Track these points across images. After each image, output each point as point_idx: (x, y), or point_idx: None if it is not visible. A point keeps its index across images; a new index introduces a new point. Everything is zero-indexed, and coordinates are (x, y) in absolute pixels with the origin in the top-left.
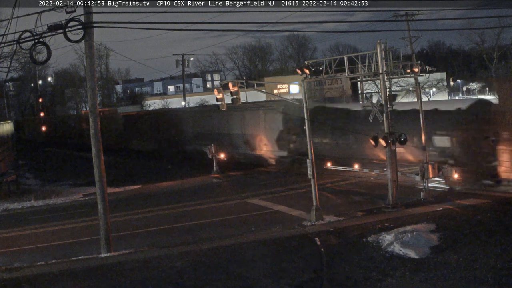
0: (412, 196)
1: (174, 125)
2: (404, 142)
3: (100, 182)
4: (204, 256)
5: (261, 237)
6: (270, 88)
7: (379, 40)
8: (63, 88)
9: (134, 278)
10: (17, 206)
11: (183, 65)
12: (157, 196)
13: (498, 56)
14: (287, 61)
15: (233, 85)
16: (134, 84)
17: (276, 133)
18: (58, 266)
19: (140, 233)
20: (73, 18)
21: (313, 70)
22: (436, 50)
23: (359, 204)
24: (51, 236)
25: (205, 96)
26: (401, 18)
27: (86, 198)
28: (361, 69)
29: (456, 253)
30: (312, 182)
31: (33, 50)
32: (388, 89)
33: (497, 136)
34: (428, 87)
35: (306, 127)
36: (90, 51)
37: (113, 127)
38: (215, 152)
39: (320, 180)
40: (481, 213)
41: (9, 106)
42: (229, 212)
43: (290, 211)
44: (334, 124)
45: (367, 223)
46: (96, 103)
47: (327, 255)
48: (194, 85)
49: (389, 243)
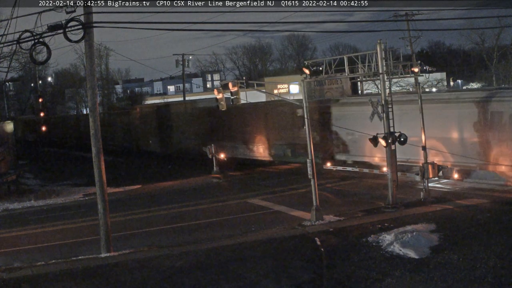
0: (412, 196)
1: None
2: (404, 142)
3: (100, 182)
4: (204, 256)
5: (261, 237)
6: (270, 88)
7: (379, 40)
8: (63, 88)
9: (134, 278)
10: (17, 206)
11: (183, 65)
12: (157, 196)
13: (498, 56)
14: (287, 61)
15: (233, 85)
16: (134, 84)
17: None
18: (58, 266)
19: (140, 233)
20: (73, 18)
21: (313, 70)
22: (436, 50)
23: (359, 204)
24: (51, 236)
25: (205, 96)
26: (401, 18)
27: (86, 198)
28: (361, 69)
29: (456, 253)
30: (312, 182)
31: (33, 50)
32: (388, 89)
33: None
34: (428, 87)
35: (306, 127)
36: (90, 51)
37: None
38: (215, 152)
39: (320, 180)
40: (481, 213)
41: (9, 106)
42: (229, 212)
43: (290, 211)
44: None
45: (367, 223)
46: (96, 103)
47: (327, 255)
48: (194, 85)
49: (389, 243)
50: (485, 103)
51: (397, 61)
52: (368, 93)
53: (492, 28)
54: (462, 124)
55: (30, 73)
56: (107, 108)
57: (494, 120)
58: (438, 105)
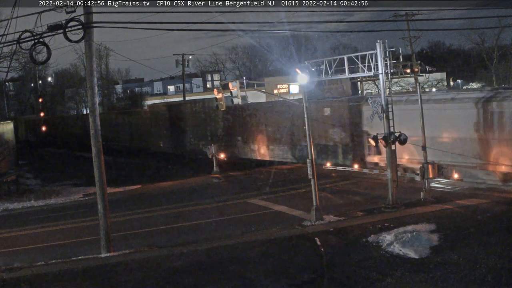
0: (412, 196)
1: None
2: (404, 141)
3: (100, 182)
4: (204, 256)
5: (261, 237)
6: (270, 88)
7: (379, 40)
8: (63, 88)
9: (134, 278)
10: (17, 206)
11: (183, 65)
12: (157, 196)
13: (498, 56)
14: (287, 61)
15: (233, 85)
16: (134, 84)
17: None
18: (58, 266)
19: (140, 233)
20: (73, 18)
21: (313, 70)
22: (436, 50)
23: (359, 204)
24: (51, 236)
25: (205, 96)
26: (401, 18)
27: (86, 198)
28: (361, 69)
29: (456, 253)
30: (312, 182)
31: (33, 50)
32: (388, 89)
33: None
34: (428, 87)
35: (306, 127)
36: (90, 51)
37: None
38: (215, 152)
39: (320, 180)
40: (481, 213)
41: (9, 106)
42: (229, 212)
43: (290, 211)
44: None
45: (367, 223)
46: (96, 103)
47: (327, 255)
48: (194, 85)
49: (389, 243)
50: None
51: (397, 61)
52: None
53: (492, 28)
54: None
55: (30, 73)
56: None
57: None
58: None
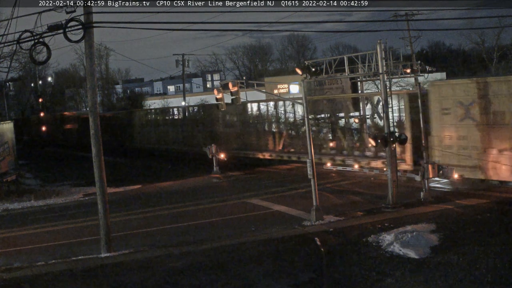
0: (412, 196)
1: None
2: (404, 141)
3: (100, 182)
4: (204, 256)
5: (261, 237)
6: (270, 88)
7: (379, 40)
8: (63, 88)
9: (134, 278)
10: (17, 206)
11: (183, 65)
12: (157, 196)
13: (498, 56)
14: (287, 61)
15: (233, 85)
16: (134, 84)
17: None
18: (58, 266)
19: (140, 233)
20: (73, 18)
21: (313, 70)
22: (436, 50)
23: (359, 204)
24: (51, 236)
25: (205, 96)
26: (401, 18)
27: (86, 198)
28: (361, 69)
29: (456, 253)
30: (312, 182)
31: (33, 50)
32: (388, 89)
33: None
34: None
35: (306, 127)
36: (90, 51)
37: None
38: (215, 152)
39: (320, 180)
40: (481, 213)
41: (9, 106)
42: (229, 212)
43: (290, 211)
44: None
45: (367, 223)
46: (96, 103)
47: (327, 255)
48: (194, 85)
49: (389, 243)
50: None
51: (397, 61)
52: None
53: (492, 28)
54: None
55: (30, 73)
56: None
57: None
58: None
